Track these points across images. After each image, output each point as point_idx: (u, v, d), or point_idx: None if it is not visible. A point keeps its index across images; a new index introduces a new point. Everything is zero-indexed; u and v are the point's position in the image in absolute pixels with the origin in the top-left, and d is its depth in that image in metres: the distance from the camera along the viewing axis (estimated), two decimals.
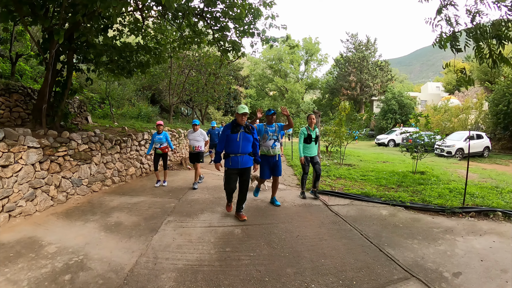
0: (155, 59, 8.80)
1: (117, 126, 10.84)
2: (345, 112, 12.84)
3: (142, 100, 22.65)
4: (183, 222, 5.59)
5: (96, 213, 5.92)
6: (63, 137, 6.60)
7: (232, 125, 5.62)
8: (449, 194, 7.43)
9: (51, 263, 3.91)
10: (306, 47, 54.55)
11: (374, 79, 45.70)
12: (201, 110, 25.83)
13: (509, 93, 19.77)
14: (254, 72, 55.07)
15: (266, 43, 8.14)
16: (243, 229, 5.23)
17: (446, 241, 4.84)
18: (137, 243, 4.58)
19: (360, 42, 48.28)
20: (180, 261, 4.06)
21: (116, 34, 8.57)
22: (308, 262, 4.06)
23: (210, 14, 7.72)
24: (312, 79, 56.62)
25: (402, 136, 20.61)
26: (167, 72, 18.71)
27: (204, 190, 8.13)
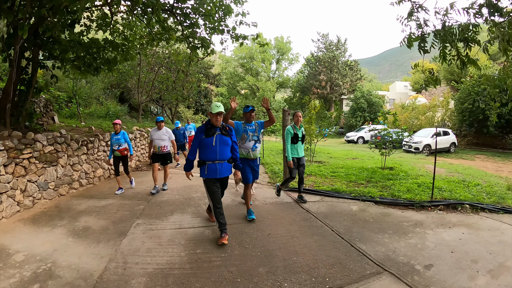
0: (122, 55, 8.53)
1: (84, 126, 10.44)
2: (315, 110, 12.96)
3: (110, 99, 21.97)
4: (152, 224, 5.46)
5: (63, 218, 5.70)
6: (28, 139, 6.30)
7: (206, 127, 4.81)
8: (418, 188, 7.64)
9: (19, 272, 3.73)
10: (278, 46, 54.78)
11: (344, 78, 46.55)
12: (171, 108, 25.39)
13: (474, 92, 20.58)
14: (226, 70, 54.84)
15: (236, 40, 8.07)
16: (214, 230, 5.15)
17: (416, 234, 4.96)
18: (106, 248, 4.44)
19: (331, 42, 49.08)
20: (150, 265, 3.95)
21: (84, 29, 8.26)
22: (280, 260, 4.04)
23: (180, 10, 7.58)
24: (283, 78, 56.91)
25: (371, 134, 21.11)
26: (136, 70, 18.28)
27: (174, 191, 7.98)
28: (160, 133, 7.94)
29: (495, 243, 4.64)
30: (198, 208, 6.43)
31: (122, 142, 7.77)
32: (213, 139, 4.71)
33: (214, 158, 4.73)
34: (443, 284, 3.50)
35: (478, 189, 7.73)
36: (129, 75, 19.18)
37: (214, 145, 4.70)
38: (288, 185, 7.23)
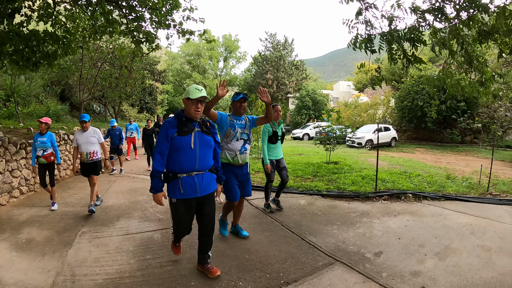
0: (63, 49, 7.94)
1: (23, 127, 9.63)
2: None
3: (50, 97, 20.56)
4: (98, 232, 5.16)
5: (5, 230, 5.22)
6: None
7: (179, 120, 3.34)
8: (362, 181, 7.97)
9: None
10: (226, 44, 54.68)
11: (290, 78, 47.55)
12: (114, 107, 24.24)
13: (413, 91, 22.07)
14: (172, 67, 53.81)
15: (182, 35, 7.89)
16: (163, 233, 5.00)
17: (364, 224, 5.15)
18: (52, 261, 4.11)
19: (278, 42, 49.78)
20: (99, 275, 3.71)
21: (24, 20, 7.61)
22: (232, 259, 4.00)
23: (126, 2, 7.24)
24: (230, 76, 56.91)
25: (315, 130, 21.70)
26: (78, 65, 17.23)
27: (119, 194, 7.64)
28: (86, 135, 6.36)
29: (439, 227, 4.98)
30: (145, 212, 6.19)
31: (48, 146, 6.42)
32: (190, 138, 3.26)
33: (192, 167, 3.29)
34: (393, 269, 3.65)
35: (419, 179, 8.24)
36: (71, 71, 18.03)
37: (192, 147, 3.26)
38: (269, 194, 6.22)
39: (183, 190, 3.26)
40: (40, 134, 6.44)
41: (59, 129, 10.32)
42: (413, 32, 5.05)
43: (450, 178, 8.62)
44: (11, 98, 14.72)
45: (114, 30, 7.90)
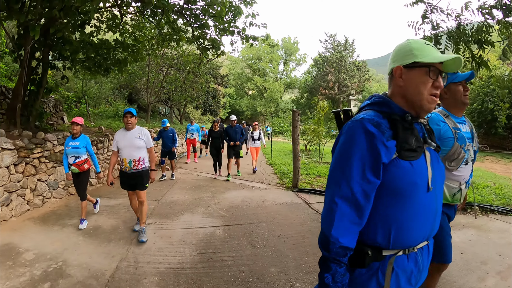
0: (132, 56, 8.61)
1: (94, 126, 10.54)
2: (324, 111, 12.97)
3: (119, 99, 22.22)
4: (163, 224, 5.48)
5: (73, 217, 5.72)
6: (38, 138, 6.35)
7: (394, 122, 1.36)
8: None
9: (30, 271, 3.75)
10: (285, 47, 54.78)
11: (352, 79, 46.30)
12: (179, 109, 25.50)
13: (483, 93, 20.48)
14: (233, 71, 54.92)
15: (246, 41, 8.11)
16: (225, 230, 5.17)
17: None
18: (117, 247, 4.46)
19: (339, 43, 48.77)
20: (161, 264, 3.97)
21: (94, 30, 8.36)
22: (291, 260, 4.04)
23: (190, 11, 7.62)
24: (291, 78, 56.86)
25: None
26: (144, 71, 18.39)
27: (183, 190, 8.03)
28: (130, 137, 4.83)
29: (504, 244, 4.62)
30: (208, 208, 6.43)
31: (82, 152, 5.33)
32: (425, 164, 1.38)
33: (426, 232, 1.40)
34: (452, 285, 3.49)
35: (487, 191, 7.67)
36: (138, 76, 19.31)
37: (431, 187, 1.36)
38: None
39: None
40: (72, 138, 5.38)
41: None
42: (480, 33, 4.75)
43: None
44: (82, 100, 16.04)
45: (180, 38, 8.32)
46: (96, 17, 8.16)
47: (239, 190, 7.98)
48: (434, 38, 5.05)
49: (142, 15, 8.43)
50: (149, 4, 5.69)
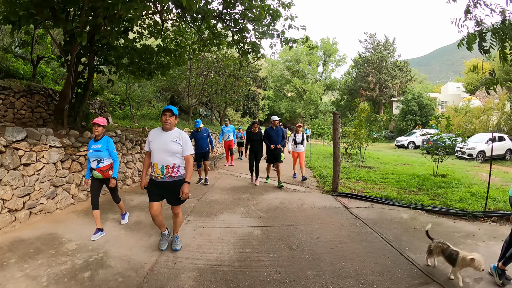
0: (175, 61, 8.88)
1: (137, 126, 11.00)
2: (365, 113, 12.71)
3: (161, 102, 22.99)
4: (203, 222, 5.63)
5: (116, 212, 5.96)
6: (84, 137, 6.72)
7: None
8: (471, 198, 7.27)
9: (71, 260, 3.98)
10: (324, 48, 54.23)
11: (393, 80, 45.06)
12: (219, 111, 25.98)
13: None
14: (272, 73, 55.07)
15: (285, 44, 8.13)
16: (263, 231, 5.22)
17: (467, 246, 4.73)
18: (157, 242, 4.61)
19: (379, 42, 47.70)
20: (200, 260, 4.08)
21: (136, 36, 8.71)
22: (328, 264, 4.03)
23: (229, 16, 7.75)
24: (330, 80, 56.26)
25: (422, 138, 20.24)
26: (186, 74, 18.91)
27: (223, 190, 8.17)
28: (165, 139, 4.09)
29: None
30: (247, 209, 6.52)
31: (105, 155, 4.89)
32: None
33: None
34: None
35: None
36: (180, 79, 19.89)
37: None
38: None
39: None
40: (95, 140, 4.95)
41: None
42: None
43: None
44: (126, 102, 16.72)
45: (220, 42, 8.49)
46: (138, 23, 8.49)
47: (278, 192, 8.01)
48: (478, 35, 4.83)
49: (182, 21, 8.69)
50: (190, 10, 5.85)
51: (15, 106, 8.46)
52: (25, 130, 5.40)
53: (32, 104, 8.86)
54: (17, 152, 5.13)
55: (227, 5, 7.38)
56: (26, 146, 5.26)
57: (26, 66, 11.42)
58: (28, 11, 5.98)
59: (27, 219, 5.25)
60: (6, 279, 3.51)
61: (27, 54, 11.58)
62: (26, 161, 5.25)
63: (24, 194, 5.18)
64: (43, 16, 5.97)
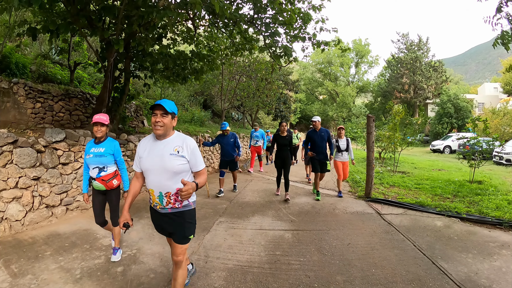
0: (208, 65, 9.08)
1: None
2: (399, 116, 12.46)
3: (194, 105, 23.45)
4: (234, 223, 5.73)
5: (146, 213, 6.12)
6: (121, 139, 7.01)
7: None
8: (508, 206, 6.97)
9: (105, 255, 4.16)
10: (356, 49, 53.51)
11: (428, 81, 43.69)
12: (251, 114, 26.20)
13: None
14: (304, 76, 54.86)
15: (317, 47, 8.11)
16: (294, 234, 5.25)
17: (502, 256, 4.57)
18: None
19: (412, 42, 46.44)
20: (230, 261, 4.17)
21: (170, 42, 8.97)
22: (358, 271, 4.01)
23: (260, 21, 7.83)
24: (363, 82, 55.43)
25: (458, 142, 19.55)
26: (218, 78, 19.19)
27: (254, 193, 8.29)
28: (162, 151, 2.75)
29: None
30: (278, 212, 6.57)
31: (108, 161, 4.03)
32: None
33: None
34: None
35: None
36: (212, 84, 20.24)
37: None
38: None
39: None
40: (95, 142, 4.06)
41: (203, 132, 11.71)
42: None
43: None
44: None
45: (252, 46, 8.59)
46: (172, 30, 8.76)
47: (310, 196, 8.01)
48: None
49: (214, 26, 8.87)
50: (222, 16, 5.98)
51: (54, 109, 8.92)
52: (64, 131, 5.72)
53: (70, 107, 9.31)
54: (56, 152, 5.48)
55: (258, 10, 7.45)
56: (65, 147, 5.61)
57: (64, 72, 11.90)
58: (65, 20, 6.28)
59: (64, 215, 5.59)
60: (41, 270, 3.73)
61: (64, 60, 12.08)
62: (65, 161, 5.59)
63: (61, 191, 5.52)
64: (80, 24, 6.23)
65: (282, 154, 7.66)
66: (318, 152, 7.65)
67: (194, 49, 9.19)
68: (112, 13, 6.27)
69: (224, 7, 5.60)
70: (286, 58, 8.35)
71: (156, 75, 8.97)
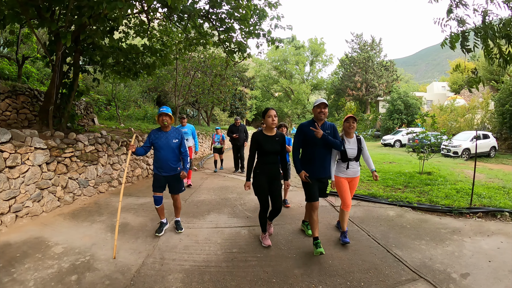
0: (161, 60, 8.81)
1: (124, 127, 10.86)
2: (351, 112, 12.83)
3: (148, 102, 22.80)
4: (189, 223, 5.60)
5: (102, 214, 5.91)
6: (69, 139, 6.62)
7: None
8: (456, 194, 7.38)
9: (58, 264, 3.92)
10: (311, 48, 54.49)
11: (380, 79, 45.45)
12: (206, 111, 25.92)
13: None
14: (259, 73, 55.10)
15: (272, 43, 8.13)
16: (250, 230, 5.23)
17: (454, 242, 4.81)
18: (144, 244, 4.59)
19: (365, 42, 48.09)
20: (187, 262, 4.06)
21: (122, 36, 8.60)
22: (315, 263, 4.05)
23: (216, 16, 7.72)
24: (317, 79, 56.53)
25: (408, 137, 20.44)
26: (172, 74, 18.76)
27: (210, 191, 8.15)
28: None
29: None
30: (234, 209, 6.53)
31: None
32: None
33: None
34: None
35: None
36: (166, 79, 19.72)
37: None
38: None
39: None
40: None
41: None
42: (508, 27, 4.59)
43: None
44: (112, 103, 16.53)
45: (207, 41, 8.44)
46: (124, 23, 8.38)
47: None
48: (461, 35, 4.92)
49: (168, 20, 8.62)
50: (176, 10, 5.80)
51: (0, 108, 8.27)
52: (9, 131, 5.30)
53: (17, 105, 8.66)
54: (2, 155, 5.03)
55: (213, 4, 7.34)
56: (11, 148, 5.17)
57: (12, 67, 11.20)
58: (13, 10, 5.87)
59: (13, 223, 5.15)
60: None
61: (12, 54, 11.35)
62: (11, 164, 5.15)
63: (9, 197, 5.08)
64: (28, 15, 5.85)
65: (269, 170, 4.55)
66: (320, 166, 4.53)
67: (147, 43, 8.88)
68: (62, 3, 5.90)
69: (177, 0, 5.42)
70: (241, 54, 8.30)
71: (106, 70, 8.57)
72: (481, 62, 33.97)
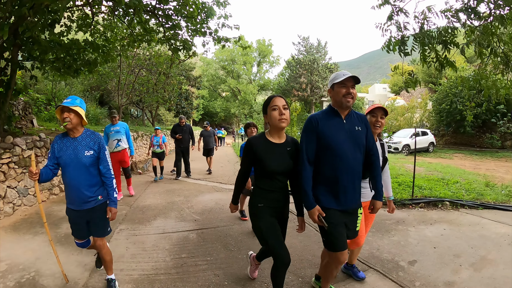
0: (103, 57, 8.38)
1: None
2: (296, 112, 13.11)
3: (90, 101, 21.62)
4: (135, 230, 5.38)
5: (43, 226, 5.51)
6: (6, 143, 6.05)
7: None
8: (398, 187, 7.79)
9: (3, 282, 3.59)
10: (259, 49, 54.93)
11: (324, 81, 46.84)
12: (151, 111, 25.12)
13: (452, 93, 21.33)
14: (207, 72, 54.64)
15: (218, 42, 8.06)
16: (198, 234, 5.13)
17: (399, 231, 5.07)
18: (90, 255, 4.30)
19: (311, 45, 49.24)
20: (135, 271, 3.88)
21: (64, 30, 8.08)
22: (266, 262, 4.00)
23: (162, 12, 7.51)
24: (264, 80, 57.06)
25: None
26: (116, 72, 18.00)
27: (156, 195, 7.92)
28: None
29: (476, 237, 4.83)
30: (181, 212, 6.39)
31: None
32: None
33: None
34: (427, 279, 3.59)
35: (457, 187, 7.99)
36: (109, 77, 18.90)
37: None
38: None
39: None
40: None
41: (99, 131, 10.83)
42: (445, 34, 4.97)
43: (489, 185, 8.28)
44: (52, 102, 15.56)
45: (151, 38, 8.19)
46: (67, 16, 7.90)
47: (213, 193, 7.95)
48: (400, 40, 5.22)
49: (113, 14, 8.24)
50: (120, 3, 5.55)
51: None
52: None
53: None
54: None
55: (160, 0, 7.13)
56: None
57: None
58: None
59: None
60: None
61: None
62: None
63: None
64: None
65: (277, 202, 3.21)
66: (351, 190, 2.88)
67: (89, 38, 8.41)
68: None
69: None
70: (186, 52, 8.15)
71: (46, 66, 7.98)
72: (421, 66, 36.33)
